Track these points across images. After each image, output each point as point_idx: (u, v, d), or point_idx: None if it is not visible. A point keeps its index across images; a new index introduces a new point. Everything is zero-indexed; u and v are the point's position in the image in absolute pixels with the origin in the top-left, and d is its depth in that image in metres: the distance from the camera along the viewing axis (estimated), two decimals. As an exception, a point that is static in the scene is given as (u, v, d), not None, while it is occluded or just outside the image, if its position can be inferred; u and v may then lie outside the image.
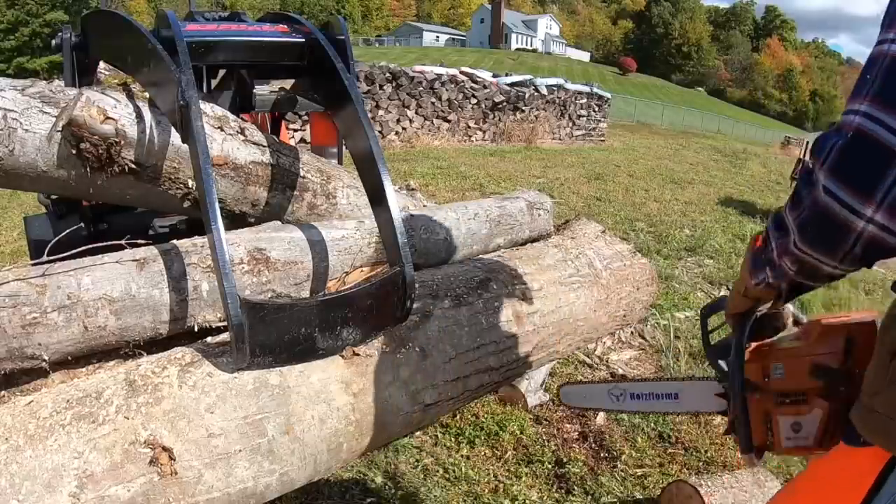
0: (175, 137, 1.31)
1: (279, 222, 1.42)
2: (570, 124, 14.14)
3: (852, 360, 0.94)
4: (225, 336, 1.12)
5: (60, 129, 1.23)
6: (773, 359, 1.05)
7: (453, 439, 2.31)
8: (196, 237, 1.30)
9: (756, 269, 0.93)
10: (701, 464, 2.25)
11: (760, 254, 0.91)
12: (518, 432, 2.36)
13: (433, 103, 11.04)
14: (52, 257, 1.14)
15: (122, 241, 1.22)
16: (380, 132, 10.14)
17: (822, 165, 0.70)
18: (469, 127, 11.75)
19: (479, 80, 11.86)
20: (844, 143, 0.68)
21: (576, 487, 2.09)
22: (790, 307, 1.08)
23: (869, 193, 0.66)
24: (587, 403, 1.79)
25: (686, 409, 1.56)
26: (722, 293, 3.90)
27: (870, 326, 0.94)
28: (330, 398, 1.08)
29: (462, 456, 2.22)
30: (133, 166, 1.29)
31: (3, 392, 1.10)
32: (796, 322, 1.13)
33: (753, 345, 1.10)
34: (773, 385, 1.04)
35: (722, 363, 1.15)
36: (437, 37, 76.75)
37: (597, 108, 14.82)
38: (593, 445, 2.35)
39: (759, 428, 1.07)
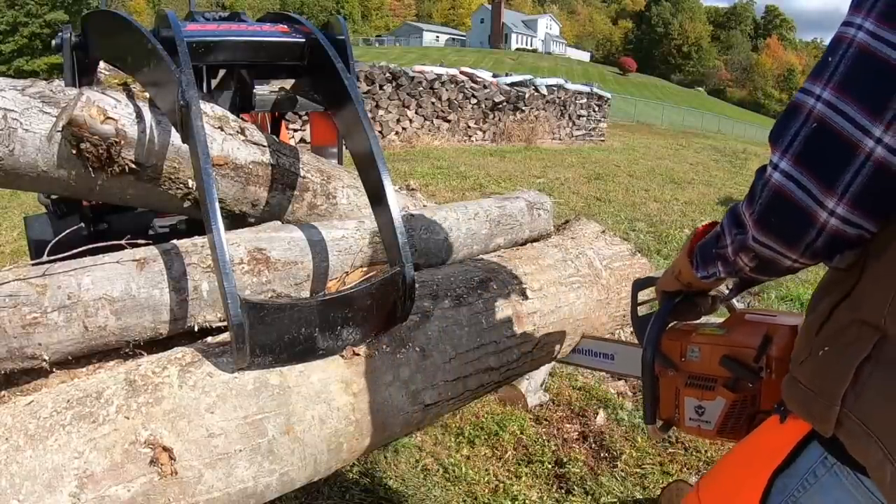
0: (175, 137, 1.31)
1: (279, 222, 1.42)
2: (570, 124, 14.13)
3: (765, 358, 0.96)
4: (225, 336, 1.12)
5: (60, 129, 1.23)
6: (691, 341, 1.07)
7: (453, 439, 2.31)
8: (196, 237, 1.30)
9: (706, 262, 0.92)
10: (701, 464, 2.25)
11: (711, 248, 0.89)
12: (518, 432, 2.36)
13: (433, 103, 11.03)
14: (52, 257, 1.14)
15: (122, 241, 1.22)
16: (380, 132, 10.14)
17: (786, 153, 0.68)
18: (469, 127, 11.75)
19: (479, 80, 11.86)
20: (809, 133, 0.66)
21: (576, 487, 2.09)
22: (723, 289, 1.09)
23: (831, 185, 0.64)
24: None
25: (620, 370, 1.62)
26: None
27: (791, 330, 0.95)
28: (330, 398, 1.08)
29: (462, 456, 2.22)
30: (133, 166, 1.29)
31: (3, 392, 1.10)
32: (731, 309, 1.15)
33: (680, 324, 1.13)
34: (686, 366, 1.07)
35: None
36: (437, 37, 76.73)
37: (597, 108, 14.82)
38: (593, 445, 2.35)
39: (668, 403, 1.11)
